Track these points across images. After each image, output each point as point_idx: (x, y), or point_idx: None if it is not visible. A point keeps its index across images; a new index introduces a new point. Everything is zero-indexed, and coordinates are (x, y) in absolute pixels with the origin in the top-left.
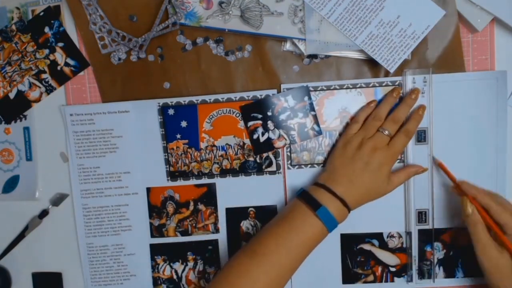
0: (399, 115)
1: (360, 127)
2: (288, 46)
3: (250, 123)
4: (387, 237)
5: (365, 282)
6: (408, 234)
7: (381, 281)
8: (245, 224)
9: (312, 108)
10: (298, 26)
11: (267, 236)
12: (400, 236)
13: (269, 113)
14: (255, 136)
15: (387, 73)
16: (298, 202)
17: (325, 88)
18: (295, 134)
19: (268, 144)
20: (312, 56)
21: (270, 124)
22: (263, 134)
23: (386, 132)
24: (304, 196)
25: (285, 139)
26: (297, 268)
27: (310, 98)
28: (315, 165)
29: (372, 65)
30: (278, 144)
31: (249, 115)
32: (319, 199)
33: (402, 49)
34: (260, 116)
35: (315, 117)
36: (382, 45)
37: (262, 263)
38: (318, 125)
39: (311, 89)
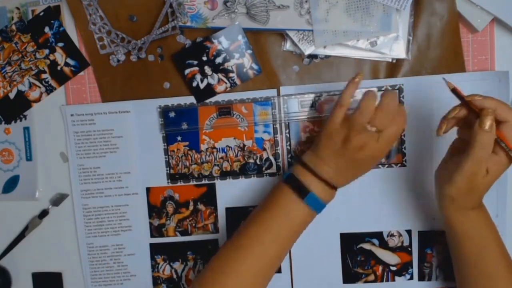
0: (388, 107)
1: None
2: (288, 46)
3: (186, 71)
4: (387, 236)
5: (366, 281)
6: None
7: (382, 281)
8: None
9: (248, 47)
10: (305, 17)
11: (252, 227)
12: (400, 235)
13: (204, 58)
14: (194, 84)
15: (387, 74)
16: (284, 187)
17: (324, 94)
18: (234, 76)
19: (209, 91)
20: (312, 56)
21: (207, 69)
22: (202, 80)
23: (374, 129)
24: (290, 181)
25: (225, 83)
26: (285, 255)
27: (244, 36)
28: None
29: (372, 65)
30: (219, 88)
31: (184, 63)
32: (307, 184)
33: None
34: (195, 62)
35: (252, 55)
36: None
37: (249, 256)
38: (256, 63)
39: (309, 97)
